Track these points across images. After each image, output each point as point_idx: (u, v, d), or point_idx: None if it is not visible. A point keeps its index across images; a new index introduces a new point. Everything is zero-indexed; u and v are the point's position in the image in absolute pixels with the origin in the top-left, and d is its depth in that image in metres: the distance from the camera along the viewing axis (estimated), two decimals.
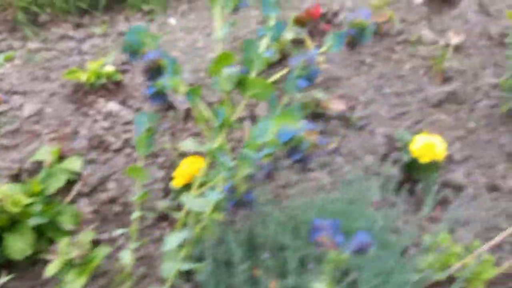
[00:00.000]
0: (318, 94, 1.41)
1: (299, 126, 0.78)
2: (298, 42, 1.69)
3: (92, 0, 2.03)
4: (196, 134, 1.49)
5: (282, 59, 1.58)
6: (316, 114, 1.51)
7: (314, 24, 1.81)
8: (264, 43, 1.21)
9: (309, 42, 1.58)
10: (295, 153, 0.78)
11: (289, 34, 1.50)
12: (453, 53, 1.72)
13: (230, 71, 1.02)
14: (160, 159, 1.43)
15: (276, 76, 1.04)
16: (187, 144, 1.10)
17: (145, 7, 2.10)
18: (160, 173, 1.39)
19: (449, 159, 1.43)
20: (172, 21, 2.01)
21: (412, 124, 1.51)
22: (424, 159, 1.24)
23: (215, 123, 1.04)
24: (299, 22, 1.72)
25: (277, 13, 1.23)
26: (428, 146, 1.24)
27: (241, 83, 1.10)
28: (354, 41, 1.26)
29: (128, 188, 1.36)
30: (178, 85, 0.99)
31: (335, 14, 1.89)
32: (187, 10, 2.09)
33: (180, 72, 1.01)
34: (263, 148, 0.81)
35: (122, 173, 1.38)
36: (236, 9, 1.15)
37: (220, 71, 1.03)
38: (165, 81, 0.97)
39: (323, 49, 1.20)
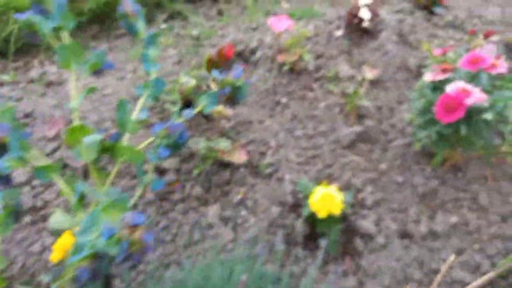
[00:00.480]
0: (222, 143, 1.35)
1: (121, 221, 0.71)
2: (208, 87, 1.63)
3: (3, 43, 1.94)
4: None
5: (186, 108, 1.51)
6: (223, 163, 1.44)
7: (229, 63, 1.76)
8: (141, 102, 1.14)
9: (214, 87, 1.51)
10: (120, 252, 0.71)
11: (192, 80, 1.43)
12: (370, 88, 1.69)
13: (90, 140, 0.95)
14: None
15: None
16: (55, 218, 1.01)
17: None
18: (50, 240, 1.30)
19: (360, 204, 1.38)
20: None
21: (323, 168, 1.45)
22: (321, 214, 1.18)
23: (73, 199, 0.96)
24: (211, 63, 1.66)
25: (157, 69, 1.17)
26: (325, 199, 1.18)
27: (110, 150, 1.03)
28: (232, 98, 1.22)
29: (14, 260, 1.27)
30: (22, 164, 0.91)
31: (253, 51, 1.85)
32: (106, 50, 2.02)
33: (28, 149, 0.93)
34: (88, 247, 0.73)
35: None
36: (99, 72, 1.09)
37: (79, 141, 0.96)
38: (3, 162, 0.89)
39: (197, 109, 1.15)
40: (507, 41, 1.88)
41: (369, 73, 1.65)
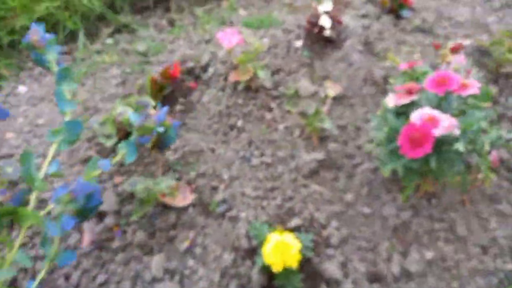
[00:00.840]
0: (163, 184, 1.17)
1: None
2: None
3: None
4: None
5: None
6: (166, 205, 1.27)
7: (178, 83, 1.58)
8: (51, 152, 0.96)
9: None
10: None
11: (129, 109, 1.25)
12: (334, 105, 1.53)
13: None
14: None
15: None
16: None
17: None
18: None
19: (325, 243, 1.22)
20: (22, 89, 1.73)
21: (283, 201, 1.29)
22: (276, 268, 1.02)
23: None
24: (155, 85, 1.48)
25: (73, 108, 0.99)
26: (279, 251, 1.02)
27: (12, 214, 0.85)
28: (160, 143, 1.05)
29: None
30: None
31: (205, 67, 1.67)
32: (43, 72, 1.82)
33: None
34: None
35: None
36: None
37: None
38: None
39: (116, 159, 0.97)
40: (478, 45, 1.75)
41: (332, 90, 1.49)
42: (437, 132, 0.95)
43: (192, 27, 1.98)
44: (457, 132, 1.00)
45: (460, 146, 0.97)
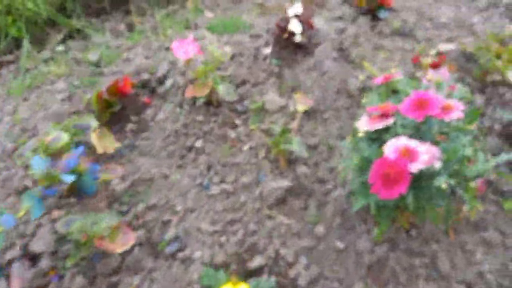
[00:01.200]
0: (101, 224, 1.00)
1: None
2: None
3: None
4: None
5: None
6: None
7: (129, 99, 1.40)
8: None
9: (96, 142, 1.15)
10: None
11: (63, 136, 1.07)
12: (305, 120, 1.37)
13: None
14: None
15: None
16: None
17: None
18: None
19: (292, 285, 1.06)
20: None
21: (244, 236, 1.13)
22: None
23: None
24: (102, 102, 1.30)
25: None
26: None
27: None
28: (75, 191, 0.88)
29: None
30: None
31: (162, 80, 1.49)
32: None
33: None
34: None
35: None
36: None
37: None
38: None
39: (20, 214, 0.80)
40: (463, 49, 1.60)
41: (302, 103, 1.33)
42: (415, 167, 0.80)
43: (153, 32, 1.79)
44: (438, 164, 0.84)
45: (441, 182, 0.82)
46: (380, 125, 0.92)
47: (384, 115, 0.95)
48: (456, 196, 1.09)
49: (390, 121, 0.92)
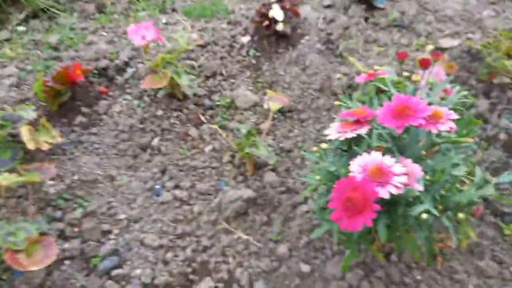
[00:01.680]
0: (21, 234, 0.83)
1: None
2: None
3: None
4: None
5: None
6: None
7: (81, 88, 1.23)
8: None
9: (26, 137, 0.98)
10: None
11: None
12: (279, 120, 1.19)
13: None
14: None
15: None
16: None
17: None
18: None
19: None
20: None
21: (194, 253, 0.97)
22: None
23: None
24: (49, 92, 1.14)
25: None
26: None
27: None
28: None
29: None
30: None
31: (121, 68, 1.31)
32: None
33: None
34: None
35: None
36: None
37: None
38: None
39: None
40: (468, 46, 1.40)
41: (276, 101, 1.15)
42: (385, 193, 0.62)
43: (123, 14, 1.62)
44: (419, 187, 0.66)
45: (423, 213, 0.64)
46: (351, 134, 0.74)
47: (360, 122, 0.77)
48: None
49: (363, 130, 0.74)
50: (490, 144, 1.24)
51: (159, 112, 1.23)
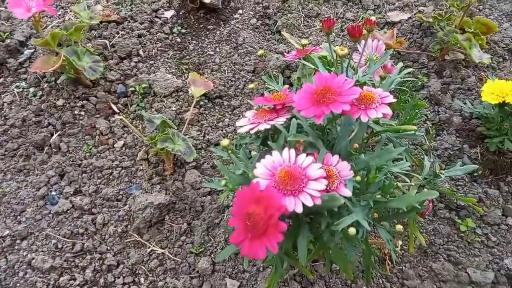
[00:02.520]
0: None
1: None
2: None
3: None
4: None
5: None
6: None
7: None
8: None
9: None
10: None
11: None
12: (205, 109, 1.02)
13: None
14: None
15: None
16: None
17: None
18: None
19: None
20: None
21: (95, 276, 0.81)
22: None
23: None
24: None
25: None
26: None
27: None
28: None
29: None
30: None
31: (15, 49, 1.10)
32: None
33: None
34: None
35: None
36: None
37: None
38: None
39: None
40: (421, 20, 1.27)
41: (199, 86, 0.98)
42: (298, 206, 0.47)
43: None
44: (347, 193, 0.52)
45: (350, 227, 0.49)
46: (263, 125, 0.59)
47: (277, 110, 0.62)
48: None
49: (280, 120, 0.59)
50: (444, 129, 1.13)
51: (60, 102, 1.04)
